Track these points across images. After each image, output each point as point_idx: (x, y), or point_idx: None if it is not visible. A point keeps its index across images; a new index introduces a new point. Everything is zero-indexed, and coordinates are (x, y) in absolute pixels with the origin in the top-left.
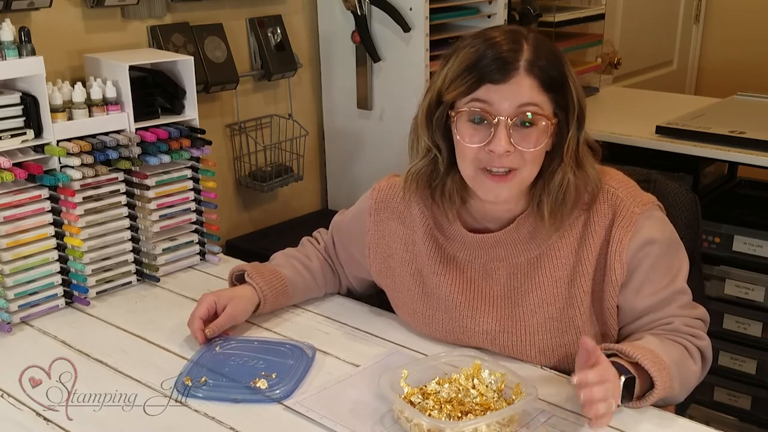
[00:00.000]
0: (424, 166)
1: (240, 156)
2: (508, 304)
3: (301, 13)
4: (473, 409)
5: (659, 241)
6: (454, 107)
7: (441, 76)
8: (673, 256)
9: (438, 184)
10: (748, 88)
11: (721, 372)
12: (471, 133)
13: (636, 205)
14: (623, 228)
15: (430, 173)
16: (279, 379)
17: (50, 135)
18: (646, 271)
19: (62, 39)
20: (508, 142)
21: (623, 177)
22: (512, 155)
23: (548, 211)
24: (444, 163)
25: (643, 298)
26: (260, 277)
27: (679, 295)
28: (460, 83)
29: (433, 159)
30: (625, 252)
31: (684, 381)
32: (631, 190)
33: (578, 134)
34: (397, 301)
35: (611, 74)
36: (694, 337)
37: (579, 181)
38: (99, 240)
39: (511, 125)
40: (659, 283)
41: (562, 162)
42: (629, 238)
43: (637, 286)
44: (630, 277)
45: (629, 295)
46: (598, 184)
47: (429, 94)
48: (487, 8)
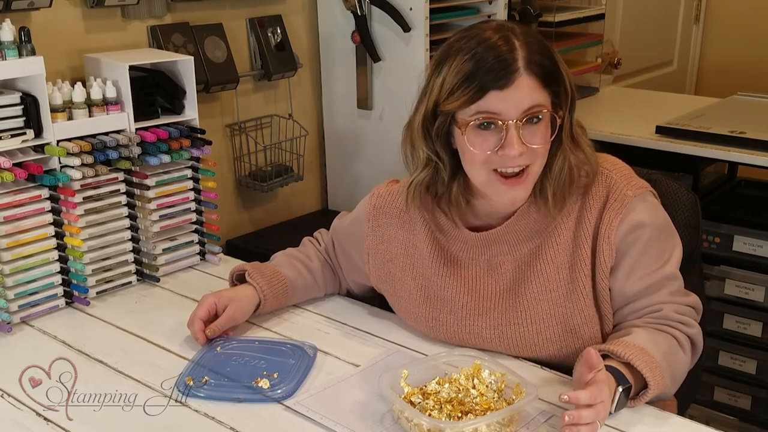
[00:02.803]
0: (426, 176)
1: (240, 156)
2: (512, 296)
3: (301, 13)
4: (473, 409)
5: (650, 225)
6: (456, 117)
7: (437, 85)
8: (664, 241)
9: (445, 192)
10: (748, 88)
11: (721, 372)
12: (480, 140)
13: (629, 188)
14: (614, 210)
15: (433, 182)
16: (281, 378)
17: (50, 135)
18: (637, 255)
19: (62, 39)
20: (520, 143)
21: (618, 161)
22: (525, 154)
23: (551, 195)
24: (448, 170)
25: (632, 283)
26: (261, 276)
27: (669, 281)
28: (462, 93)
29: (434, 168)
30: (614, 234)
31: (675, 374)
32: (626, 173)
33: (571, 116)
34: (399, 307)
35: (611, 74)
36: (684, 324)
37: (578, 160)
38: (99, 240)
39: (520, 126)
40: (649, 268)
41: (561, 145)
42: (619, 221)
43: (627, 270)
44: (620, 260)
45: (619, 279)
46: (594, 163)
47: (423, 105)
48: (487, 8)
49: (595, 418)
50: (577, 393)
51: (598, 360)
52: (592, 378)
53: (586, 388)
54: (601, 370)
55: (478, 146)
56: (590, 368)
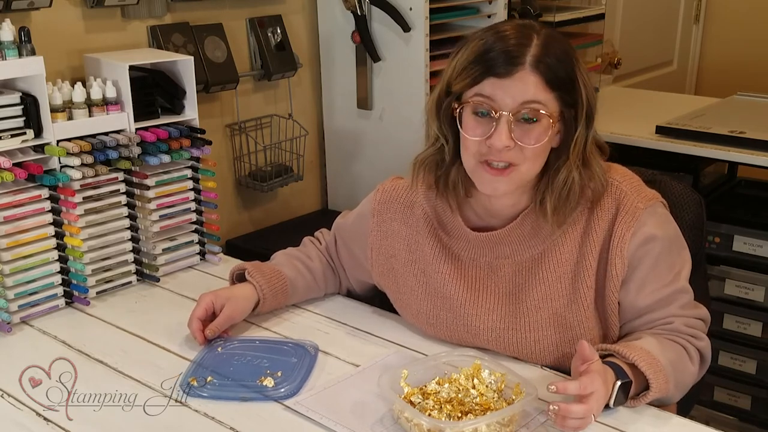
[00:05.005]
0: (431, 154)
1: (240, 156)
2: (513, 301)
3: (301, 13)
4: (473, 409)
5: (661, 238)
6: (460, 99)
7: (451, 66)
8: (675, 254)
9: (442, 174)
10: (748, 88)
11: (721, 372)
12: (474, 125)
13: (640, 201)
14: (626, 223)
15: (436, 162)
16: (285, 377)
17: (50, 135)
18: (648, 268)
19: (62, 39)
20: (508, 137)
21: (627, 172)
22: (512, 150)
23: (551, 209)
24: (450, 153)
25: (644, 297)
26: (260, 275)
27: (680, 294)
28: (466, 75)
29: (440, 148)
30: (626, 247)
31: (680, 382)
32: (636, 184)
33: (587, 133)
34: (401, 303)
35: (611, 74)
36: (693, 337)
37: (584, 180)
38: (99, 240)
39: (513, 120)
40: (660, 282)
41: (567, 160)
42: (631, 234)
43: (638, 283)
44: (631, 273)
45: (630, 293)
46: (603, 183)
47: (440, 84)
48: (487, 8)
49: (587, 413)
50: (565, 383)
51: (591, 352)
52: (585, 369)
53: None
54: (596, 361)
55: (470, 130)
56: (584, 361)
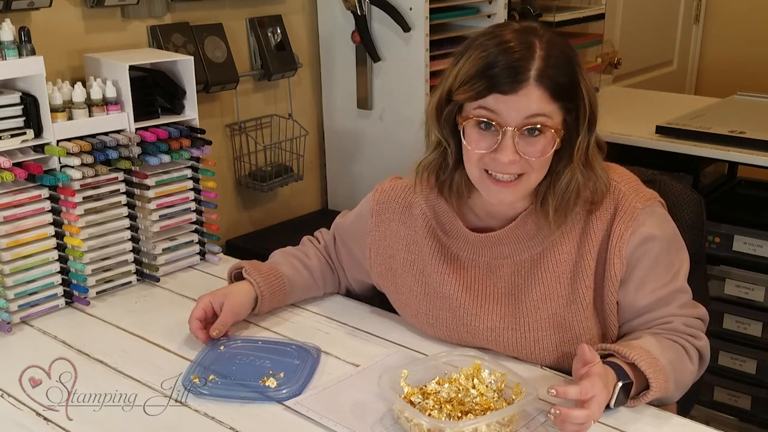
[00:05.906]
0: (434, 158)
1: (240, 156)
2: (511, 302)
3: (301, 13)
4: (473, 409)
5: (660, 238)
6: (462, 109)
7: (452, 74)
8: (673, 254)
9: (447, 178)
10: (748, 88)
11: (721, 372)
12: (478, 138)
13: (638, 200)
14: (624, 223)
15: (439, 166)
16: (287, 378)
17: (50, 135)
18: (646, 268)
19: (62, 39)
20: (513, 151)
21: (626, 171)
22: (518, 163)
23: (553, 210)
24: (453, 157)
25: (642, 296)
26: (258, 273)
27: (679, 294)
28: (469, 88)
29: (442, 152)
30: (625, 247)
31: (680, 381)
32: (634, 184)
33: (588, 136)
34: (400, 303)
35: (611, 74)
36: (692, 337)
37: (586, 181)
38: (99, 240)
39: (517, 135)
40: (659, 282)
41: (570, 163)
42: (630, 233)
43: (637, 283)
44: (630, 273)
45: (629, 293)
46: (606, 184)
47: (440, 89)
48: (487, 8)
49: (587, 419)
50: (566, 388)
51: (592, 355)
52: (585, 372)
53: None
54: (597, 364)
55: (474, 143)
56: (584, 364)
